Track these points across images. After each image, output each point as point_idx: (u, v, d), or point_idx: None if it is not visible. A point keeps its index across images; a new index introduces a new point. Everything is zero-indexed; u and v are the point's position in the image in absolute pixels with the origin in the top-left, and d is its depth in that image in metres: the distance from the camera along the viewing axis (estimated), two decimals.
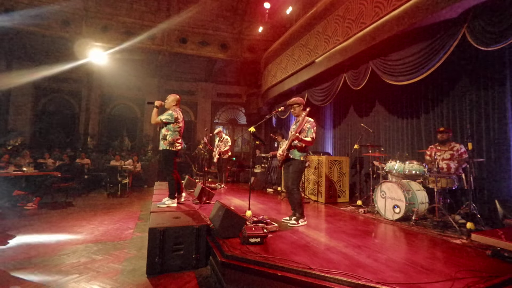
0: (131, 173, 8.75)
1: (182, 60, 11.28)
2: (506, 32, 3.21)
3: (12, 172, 5.61)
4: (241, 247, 2.63)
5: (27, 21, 8.87)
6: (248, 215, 3.59)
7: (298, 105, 3.69)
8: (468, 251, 2.75)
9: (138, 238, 3.83)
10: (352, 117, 6.89)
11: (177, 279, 2.59)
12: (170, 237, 2.74)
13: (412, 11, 4.01)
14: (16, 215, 4.91)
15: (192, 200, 4.73)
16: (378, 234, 3.42)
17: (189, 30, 10.39)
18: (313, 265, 2.23)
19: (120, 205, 6.15)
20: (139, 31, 9.91)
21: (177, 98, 4.14)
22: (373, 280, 1.98)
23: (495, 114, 4.00)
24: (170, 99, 4.10)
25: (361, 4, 5.03)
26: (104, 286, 2.44)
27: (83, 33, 9.44)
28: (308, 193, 6.01)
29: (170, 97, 4.12)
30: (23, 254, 3.11)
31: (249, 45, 11.00)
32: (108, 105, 12.60)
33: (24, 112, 11.20)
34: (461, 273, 2.14)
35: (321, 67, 6.25)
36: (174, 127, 3.98)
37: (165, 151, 3.98)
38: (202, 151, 7.27)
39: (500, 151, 3.93)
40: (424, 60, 4.15)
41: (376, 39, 4.66)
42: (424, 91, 5.03)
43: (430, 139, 4.86)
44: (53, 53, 10.59)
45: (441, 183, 3.77)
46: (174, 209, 3.79)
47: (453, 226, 3.39)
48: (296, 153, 3.58)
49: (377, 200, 4.34)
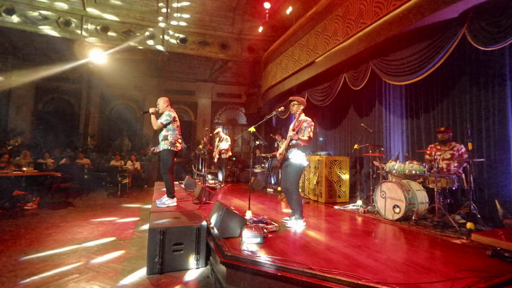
0: (131, 173, 8.76)
1: (182, 60, 11.28)
2: (506, 32, 3.21)
3: (12, 172, 5.61)
4: (241, 247, 2.63)
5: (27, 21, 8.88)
6: (248, 215, 3.59)
7: (297, 103, 3.69)
8: (468, 251, 2.74)
9: (138, 238, 3.83)
10: (352, 117, 6.89)
11: (177, 279, 2.59)
12: (170, 237, 2.74)
13: (412, 11, 4.01)
14: (16, 215, 4.91)
15: (192, 200, 4.74)
16: (378, 234, 3.42)
17: (189, 30, 10.39)
18: (313, 265, 2.23)
19: (120, 205, 6.15)
20: (139, 31, 9.91)
21: (166, 99, 4.26)
22: (373, 280, 1.98)
23: (495, 114, 3.99)
24: (161, 102, 4.20)
25: (361, 4, 5.02)
26: (104, 286, 2.44)
27: (83, 33, 9.45)
28: (308, 193, 6.01)
29: (160, 101, 4.21)
30: (23, 254, 3.11)
31: (249, 45, 11.00)
32: (108, 105, 12.61)
33: (24, 112, 11.21)
34: (461, 273, 2.14)
35: (321, 67, 6.24)
36: (173, 126, 4.08)
37: (165, 151, 4.02)
38: (202, 151, 7.27)
39: (500, 151, 3.92)
40: (424, 60, 4.15)
41: (376, 39, 4.66)
42: (424, 91, 5.03)
43: (430, 139, 4.86)
44: (53, 53, 10.59)
45: (441, 183, 3.77)
46: (174, 209, 3.79)
47: (453, 226, 3.39)
48: (294, 152, 3.57)
49: (377, 200, 4.34)
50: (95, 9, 9.51)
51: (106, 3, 9.49)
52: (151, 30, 9.95)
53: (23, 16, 8.83)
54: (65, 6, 9.23)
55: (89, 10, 9.46)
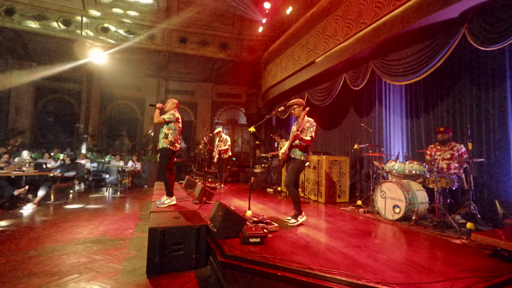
0: (131, 173, 8.75)
1: (182, 60, 11.28)
2: (506, 32, 3.21)
3: (12, 172, 5.61)
4: (241, 247, 2.63)
5: (27, 21, 8.88)
6: (248, 215, 3.59)
7: (298, 106, 3.73)
8: (468, 251, 2.74)
9: (138, 238, 3.83)
10: (352, 117, 6.89)
11: (177, 279, 2.59)
12: (170, 237, 2.74)
13: (412, 11, 4.01)
14: (16, 215, 4.91)
15: (192, 200, 4.73)
16: (378, 234, 3.42)
17: (189, 30, 10.39)
18: (313, 265, 2.23)
19: (120, 205, 6.15)
20: (139, 31, 9.92)
21: (175, 102, 4.38)
22: (373, 280, 1.98)
23: (495, 114, 4.00)
24: (170, 103, 4.32)
25: (361, 4, 5.02)
26: (104, 286, 2.44)
27: (83, 33, 9.45)
28: (308, 193, 6.01)
29: (169, 101, 4.34)
30: (22, 254, 3.11)
31: (249, 45, 11.00)
32: (108, 105, 12.62)
33: (24, 112, 11.20)
34: (461, 273, 2.14)
35: (321, 67, 6.24)
36: (175, 126, 4.14)
37: (165, 149, 4.07)
38: (202, 151, 7.27)
39: (500, 151, 3.92)
40: (424, 60, 4.15)
41: (376, 39, 4.66)
42: (424, 91, 5.03)
43: (430, 139, 4.86)
44: (53, 53, 10.59)
45: (441, 183, 3.77)
46: (174, 209, 3.79)
47: (453, 226, 3.39)
48: (297, 152, 3.63)
49: (377, 200, 4.34)
50: (95, 9, 9.51)
51: (106, 3, 9.50)
52: (151, 30, 9.95)
53: (23, 16, 8.83)
54: (65, 6, 9.23)
55: (89, 10, 9.47)
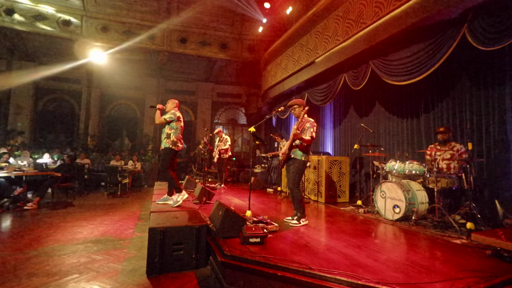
0: (131, 173, 8.75)
1: (182, 60, 11.28)
2: (506, 32, 3.21)
3: (12, 172, 5.61)
4: (241, 247, 2.63)
5: (27, 21, 8.88)
6: (248, 215, 3.59)
7: (298, 106, 3.72)
8: (468, 251, 2.75)
9: (138, 238, 3.83)
10: (352, 117, 6.89)
11: (177, 279, 2.59)
12: (170, 237, 2.74)
13: (412, 11, 4.01)
14: (16, 215, 4.91)
15: (192, 200, 4.73)
16: (378, 234, 3.42)
17: (189, 30, 10.39)
18: (313, 265, 2.23)
19: (120, 205, 6.15)
20: (139, 31, 9.91)
21: (176, 102, 4.40)
22: (373, 280, 1.98)
23: (495, 114, 3.99)
24: (170, 103, 4.35)
25: (361, 4, 5.02)
26: (104, 286, 2.44)
27: (83, 33, 9.45)
28: (308, 193, 6.01)
29: (170, 102, 4.37)
30: (22, 254, 3.11)
31: (249, 45, 11.00)
32: (108, 105, 12.62)
33: (24, 112, 11.21)
34: (461, 273, 2.14)
35: (321, 67, 6.24)
36: (177, 125, 4.17)
37: (167, 149, 4.09)
38: (202, 151, 7.27)
39: (500, 151, 3.92)
40: (424, 60, 4.15)
41: (376, 39, 4.66)
42: (424, 91, 5.03)
43: (430, 139, 4.86)
44: (53, 53, 10.60)
45: (441, 183, 3.77)
46: (174, 209, 3.79)
47: (453, 226, 3.39)
48: (298, 152, 3.63)
49: (377, 200, 4.34)
50: (95, 9, 9.51)
51: (106, 3, 9.50)
52: (151, 30, 9.95)
53: (23, 16, 8.83)
54: (65, 6, 9.23)
55: (89, 10, 9.46)
